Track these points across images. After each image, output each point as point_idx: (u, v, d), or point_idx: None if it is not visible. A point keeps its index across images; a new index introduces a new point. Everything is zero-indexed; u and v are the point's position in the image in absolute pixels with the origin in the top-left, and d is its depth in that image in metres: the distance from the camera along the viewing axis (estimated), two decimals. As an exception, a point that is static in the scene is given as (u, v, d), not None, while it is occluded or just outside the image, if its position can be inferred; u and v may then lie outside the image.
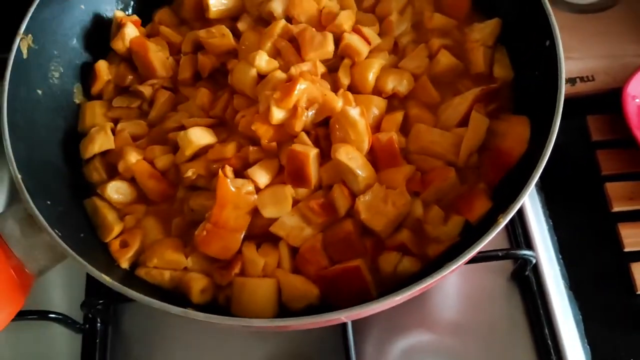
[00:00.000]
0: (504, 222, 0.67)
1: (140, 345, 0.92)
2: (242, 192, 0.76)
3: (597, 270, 0.96)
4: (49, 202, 0.74)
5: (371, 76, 0.83)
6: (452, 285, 0.95)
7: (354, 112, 0.76)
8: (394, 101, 0.84)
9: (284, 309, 0.75)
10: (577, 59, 1.07)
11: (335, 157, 0.75)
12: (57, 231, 0.70)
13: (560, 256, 0.96)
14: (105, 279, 0.67)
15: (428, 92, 0.84)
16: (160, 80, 0.91)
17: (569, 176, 1.04)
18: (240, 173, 0.79)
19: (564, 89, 0.73)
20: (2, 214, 0.72)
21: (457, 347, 0.90)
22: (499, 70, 0.86)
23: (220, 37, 0.89)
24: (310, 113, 0.79)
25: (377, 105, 0.82)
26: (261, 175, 0.78)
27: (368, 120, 0.78)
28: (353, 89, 0.84)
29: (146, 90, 0.90)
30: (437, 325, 0.92)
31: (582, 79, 1.07)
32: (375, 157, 0.79)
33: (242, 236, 0.77)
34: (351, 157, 0.75)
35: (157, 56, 0.91)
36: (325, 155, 0.79)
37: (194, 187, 0.83)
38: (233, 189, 0.76)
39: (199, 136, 0.81)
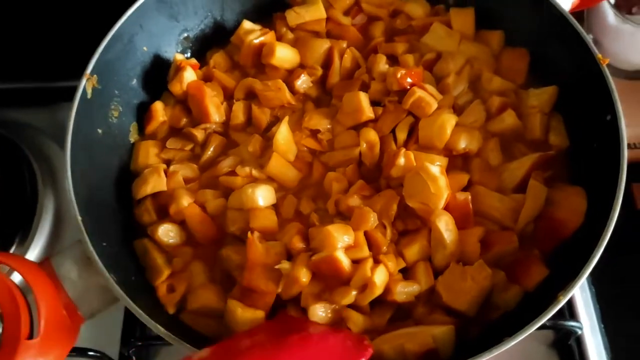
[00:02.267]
0: (564, 300, 0.67)
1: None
2: (271, 252, 0.77)
3: (640, 342, 0.94)
4: (104, 244, 0.74)
5: (449, 130, 0.82)
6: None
7: (435, 169, 0.76)
8: (456, 160, 0.84)
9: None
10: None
11: (434, 222, 0.75)
12: (112, 275, 0.70)
13: (603, 325, 0.95)
14: (160, 329, 0.68)
15: (495, 153, 0.84)
16: (214, 125, 0.92)
17: (613, 244, 1.02)
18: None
19: (626, 166, 0.73)
20: (59, 254, 0.72)
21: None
22: (554, 137, 0.85)
23: (276, 90, 0.90)
24: None
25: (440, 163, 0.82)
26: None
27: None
28: (422, 143, 0.84)
29: (199, 134, 0.91)
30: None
31: (629, 146, 1.05)
32: None
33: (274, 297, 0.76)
34: (448, 229, 0.76)
35: (213, 101, 0.92)
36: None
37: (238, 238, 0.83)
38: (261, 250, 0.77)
39: (265, 197, 0.82)
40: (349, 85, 0.91)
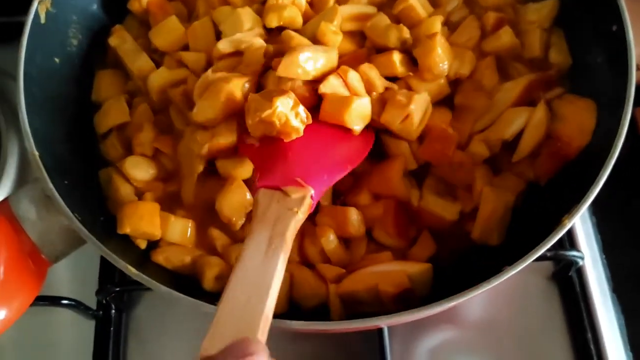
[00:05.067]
0: (569, 223, 0.62)
1: (154, 333, 0.87)
2: None
3: (643, 272, 0.90)
4: (66, 182, 0.68)
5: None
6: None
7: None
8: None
9: (294, 306, 0.70)
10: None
11: None
12: (76, 215, 0.64)
13: (604, 255, 0.91)
14: (131, 270, 0.62)
15: (490, 72, 0.77)
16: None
17: (614, 170, 0.97)
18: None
19: (634, 81, 0.67)
20: (16, 195, 0.66)
21: (489, 347, 0.85)
22: (555, 55, 0.78)
23: None
24: None
25: None
26: None
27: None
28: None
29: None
30: (468, 323, 0.87)
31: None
32: None
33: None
34: None
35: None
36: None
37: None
38: None
39: None
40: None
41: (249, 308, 0.50)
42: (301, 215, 0.60)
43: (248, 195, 0.71)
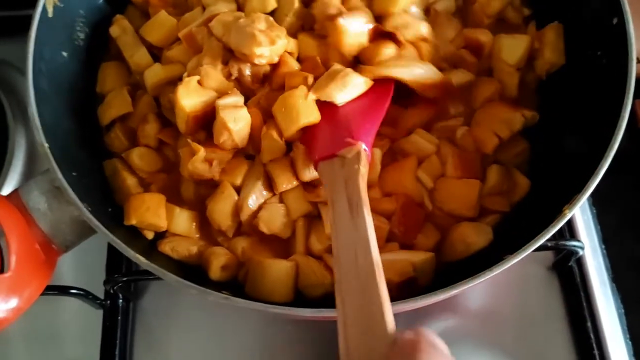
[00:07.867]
0: (570, 213, 0.63)
1: (161, 322, 0.89)
2: None
3: (642, 262, 0.92)
4: (74, 173, 0.69)
5: None
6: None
7: None
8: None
9: (299, 296, 0.71)
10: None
11: None
12: (86, 205, 0.65)
13: (604, 246, 0.92)
14: (140, 259, 0.63)
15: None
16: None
17: (615, 162, 0.98)
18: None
19: (634, 73, 0.68)
20: (27, 185, 0.67)
21: (490, 336, 0.86)
22: (549, 54, 0.78)
23: None
24: None
25: None
26: None
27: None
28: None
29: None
30: (470, 312, 0.88)
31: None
32: None
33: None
34: None
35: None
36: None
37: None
38: None
39: None
40: None
41: (360, 264, 0.53)
42: (363, 169, 0.63)
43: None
